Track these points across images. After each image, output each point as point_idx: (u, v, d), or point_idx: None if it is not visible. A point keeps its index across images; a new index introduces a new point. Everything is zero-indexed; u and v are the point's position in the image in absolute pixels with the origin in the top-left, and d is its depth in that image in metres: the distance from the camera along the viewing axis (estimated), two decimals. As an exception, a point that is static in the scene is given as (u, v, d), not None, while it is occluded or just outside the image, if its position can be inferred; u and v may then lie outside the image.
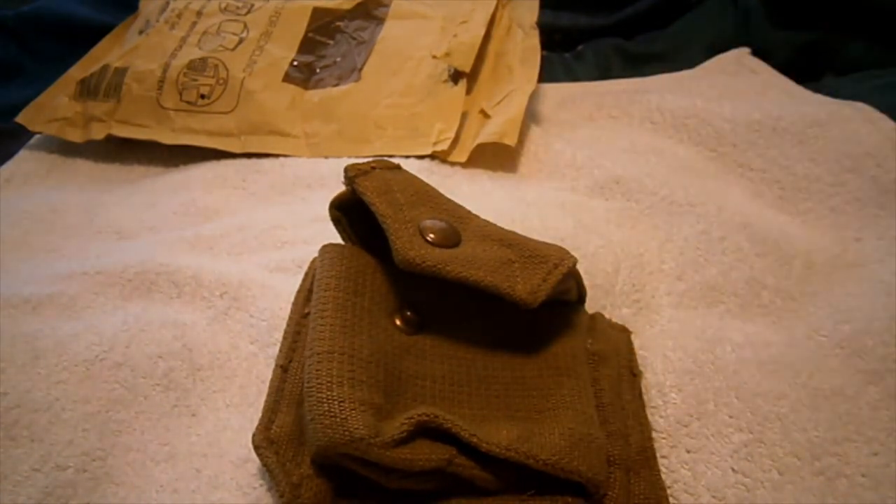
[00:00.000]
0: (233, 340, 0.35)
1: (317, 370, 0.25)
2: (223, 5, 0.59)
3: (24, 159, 0.55)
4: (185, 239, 0.43)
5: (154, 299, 0.38)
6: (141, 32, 0.59)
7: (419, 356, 0.28)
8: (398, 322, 0.29)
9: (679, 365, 0.32)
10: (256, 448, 0.27)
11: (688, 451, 0.29)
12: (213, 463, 0.30)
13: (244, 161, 0.51)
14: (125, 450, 0.31)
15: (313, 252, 0.40)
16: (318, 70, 0.55)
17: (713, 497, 0.27)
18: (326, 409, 0.24)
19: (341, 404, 0.24)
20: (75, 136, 0.54)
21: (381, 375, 0.26)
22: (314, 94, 0.53)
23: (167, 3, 0.60)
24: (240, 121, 0.52)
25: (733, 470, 0.28)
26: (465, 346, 0.30)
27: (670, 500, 0.27)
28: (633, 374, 0.32)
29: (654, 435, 0.29)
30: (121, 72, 0.54)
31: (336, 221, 0.33)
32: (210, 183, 0.49)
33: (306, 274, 0.35)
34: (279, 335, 0.33)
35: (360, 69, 0.54)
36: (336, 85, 0.54)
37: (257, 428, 0.28)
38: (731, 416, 0.29)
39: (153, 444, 0.32)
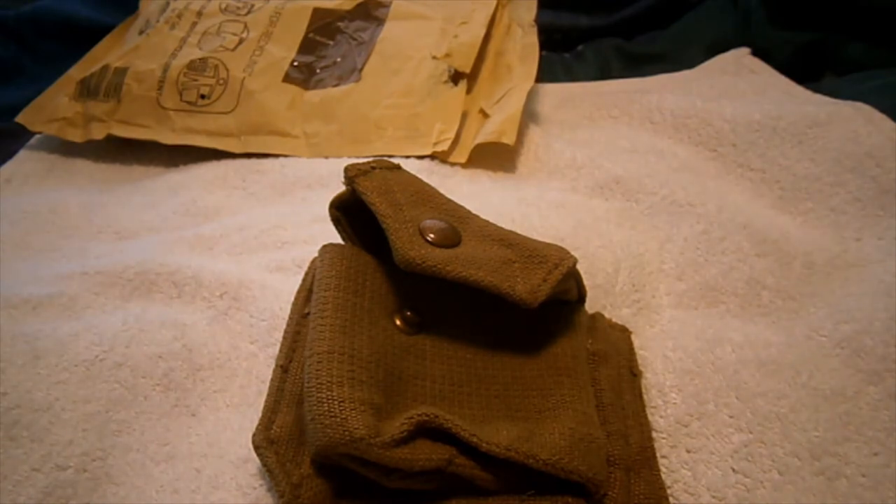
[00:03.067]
0: (233, 340, 0.35)
1: (317, 370, 0.25)
2: (223, 6, 0.59)
3: (24, 159, 0.55)
4: (185, 239, 0.43)
5: (154, 299, 0.38)
6: (141, 32, 0.59)
7: (419, 356, 0.28)
8: (398, 322, 0.29)
9: (679, 365, 0.32)
10: (256, 448, 0.27)
11: (688, 451, 0.29)
12: (213, 463, 0.30)
13: (244, 161, 0.51)
14: (125, 450, 0.31)
15: (313, 252, 0.40)
16: (318, 70, 0.55)
17: (713, 497, 0.27)
18: (326, 409, 0.24)
19: (341, 404, 0.24)
20: (75, 136, 0.54)
21: (382, 375, 0.26)
22: (314, 95, 0.53)
23: (167, 4, 0.60)
24: (240, 121, 0.52)
25: (733, 470, 0.28)
26: (465, 345, 0.30)
27: (671, 500, 0.27)
28: (634, 373, 0.32)
29: (654, 435, 0.29)
30: (121, 72, 0.54)
31: (336, 221, 0.33)
32: (210, 183, 0.49)
33: (306, 274, 0.35)
34: (279, 335, 0.33)
35: (361, 70, 0.54)
36: (336, 85, 0.54)
37: (257, 428, 0.28)
38: (731, 416, 0.29)
39: (153, 445, 0.32)
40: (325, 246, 0.31)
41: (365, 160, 0.32)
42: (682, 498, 0.27)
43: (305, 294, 0.33)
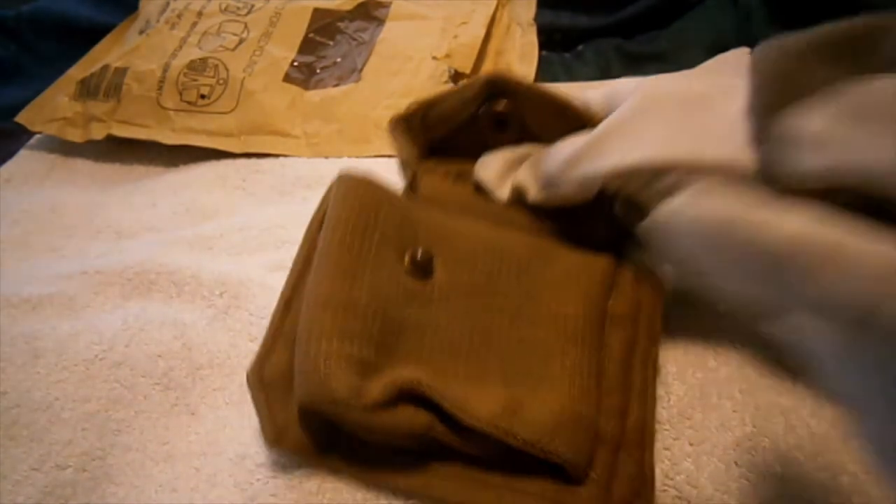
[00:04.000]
0: (232, 339, 0.35)
1: (310, 320, 0.25)
2: (223, 6, 0.59)
3: (24, 159, 0.55)
4: (185, 239, 0.43)
5: (154, 299, 0.38)
6: (141, 32, 0.59)
7: (423, 304, 0.27)
8: (407, 262, 0.28)
9: (682, 356, 0.32)
10: (250, 386, 0.27)
11: (690, 444, 0.29)
12: (211, 461, 0.30)
13: (244, 161, 0.51)
14: (124, 449, 0.31)
15: (314, 251, 0.39)
16: (318, 70, 0.55)
17: (716, 490, 0.27)
18: (312, 365, 0.24)
19: (327, 361, 0.24)
20: (75, 136, 0.54)
21: (377, 327, 0.25)
22: (314, 95, 0.53)
23: (167, 4, 0.60)
24: (240, 121, 0.52)
25: (736, 464, 0.28)
26: (475, 297, 0.28)
27: (673, 492, 0.27)
28: (652, 339, 0.30)
29: (657, 427, 0.29)
30: (121, 72, 0.54)
31: (395, 126, 0.33)
32: (210, 183, 0.49)
33: (322, 199, 0.33)
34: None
35: (361, 70, 0.54)
36: (336, 85, 0.54)
37: (252, 364, 0.27)
38: (734, 410, 0.29)
39: (152, 444, 0.32)
40: (341, 176, 0.30)
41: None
42: (686, 490, 0.27)
43: (319, 222, 0.32)
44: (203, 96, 0.53)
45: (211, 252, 0.42)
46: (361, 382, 0.24)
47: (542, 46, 0.56)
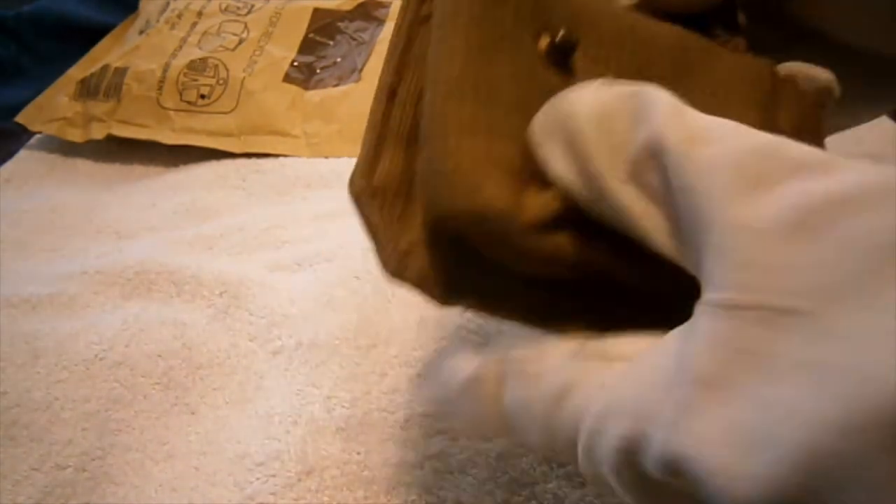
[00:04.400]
0: (232, 339, 0.35)
1: (442, 108, 0.18)
2: (224, 6, 0.59)
3: (24, 159, 0.55)
4: (185, 239, 0.43)
5: (154, 299, 0.38)
6: (141, 32, 0.59)
7: None
8: (545, 47, 0.21)
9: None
10: (356, 198, 0.20)
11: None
12: (211, 460, 0.30)
13: (244, 161, 0.51)
14: (124, 449, 0.31)
15: (313, 251, 0.39)
16: (318, 70, 0.55)
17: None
18: (453, 165, 0.17)
19: (475, 163, 0.17)
20: (75, 136, 0.54)
21: (522, 124, 0.18)
22: (314, 95, 0.53)
23: (167, 4, 0.61)
24: (240, 121, 0.52)
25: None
26: None
27: None
28: None
29: None
30: (121, 72, 0.54)
31: None
32: (210, 183, 0.49)
33: None
34: (278, 332, 0.33)
35: (361, 70, 0.54)
36: (336, 85, 0.54)
37: (356, 172, 0.21)
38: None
39: (152, 444, 0.32)
40: None
41: None
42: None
43: None
44: (203, 96, 0.53)
45: (211, 252, 0.42)
46: (516, 195, 0.17)
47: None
